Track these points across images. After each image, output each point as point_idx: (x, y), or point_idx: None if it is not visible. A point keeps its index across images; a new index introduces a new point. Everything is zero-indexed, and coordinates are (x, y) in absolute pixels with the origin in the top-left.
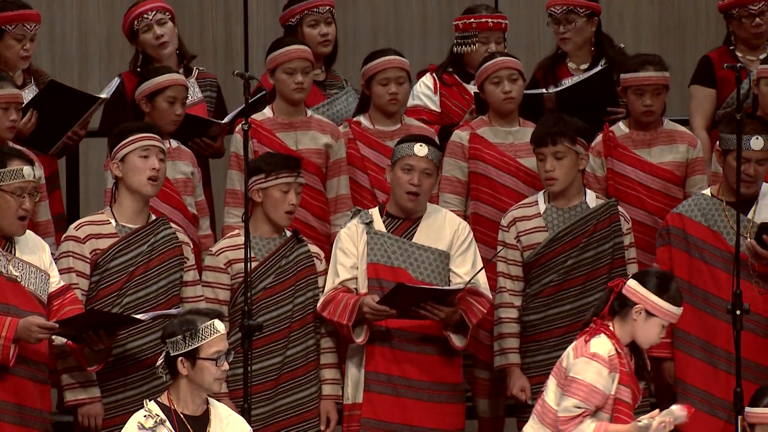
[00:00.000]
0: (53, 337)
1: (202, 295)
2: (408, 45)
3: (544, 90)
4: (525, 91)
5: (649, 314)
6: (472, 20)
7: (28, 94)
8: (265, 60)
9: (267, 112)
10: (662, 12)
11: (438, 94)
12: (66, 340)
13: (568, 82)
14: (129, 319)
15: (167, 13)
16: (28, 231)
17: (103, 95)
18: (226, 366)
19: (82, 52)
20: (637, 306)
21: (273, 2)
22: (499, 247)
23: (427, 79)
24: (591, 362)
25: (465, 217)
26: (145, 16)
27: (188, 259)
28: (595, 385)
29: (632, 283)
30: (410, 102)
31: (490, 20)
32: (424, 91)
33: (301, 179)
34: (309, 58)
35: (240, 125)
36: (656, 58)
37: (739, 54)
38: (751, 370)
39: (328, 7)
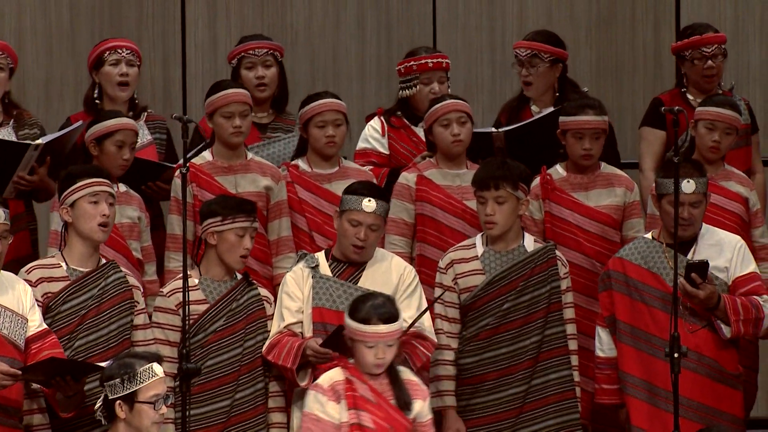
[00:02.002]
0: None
1: (153, 339)
2: (346, 88)
3: (493, 129)
4: (474, 130)
5: (355, 340)
6: (413, 63)
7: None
8: (203, 103)
9: (206, 155)
10: (600, 55)
11: (386, 137)
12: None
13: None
14: (93, 367)
15: (137, 59)
16: (4, 272)
17: (38, 141)
18: (164, 409)
19: (20, 96)
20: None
21: (211, 46)
22: (439, 290)
23: (375, 123)
24: (310, 392)
25: (411, 260)
26: (119, 50)
27: (138, 303)
28: (314, 413)
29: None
30: (359, 145)
31: (429, 61)
32: (373, 134)
33: (255, 224)
34: (247, 102)
35: (179, 170)
36: (596, 102)
37: (690, 96)
38: (693, 410)
39: (266, 50)
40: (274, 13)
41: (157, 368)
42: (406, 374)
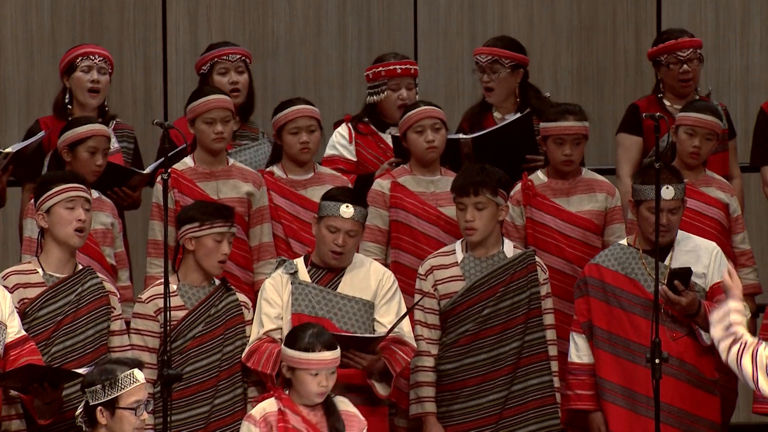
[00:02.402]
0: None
1: (129, 345)
2: (327, 95)
3: (461, 135)
4: None
5: (293, 369)
6: (381, 69)
7: None
8: (184, 109)
9: (188, 161)
10: (581, 61)
11: (353, 144)
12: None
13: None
14: (70, 374)
15: (109, 66)
16: None
17: (8, 150)
18: (145, 415)
19: (1, 102)
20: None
21: (192, 52)
22: (417, 296)
23: (343, 129)
24: (244, 422)
25: (385, 266)
26: (91, 57)
27: (115, 309)
28: None
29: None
30: (327, 152)
31: (398, 67)
32: (340, 141)
33: (233, 229)
34: (229, 108)
35: (161, 175)
36: (576, 108)
37: (667, 102)
38: (674, 416)
39: (239, 56)
40: (256, 20)
41: (138, 374)
42: (345, 405)
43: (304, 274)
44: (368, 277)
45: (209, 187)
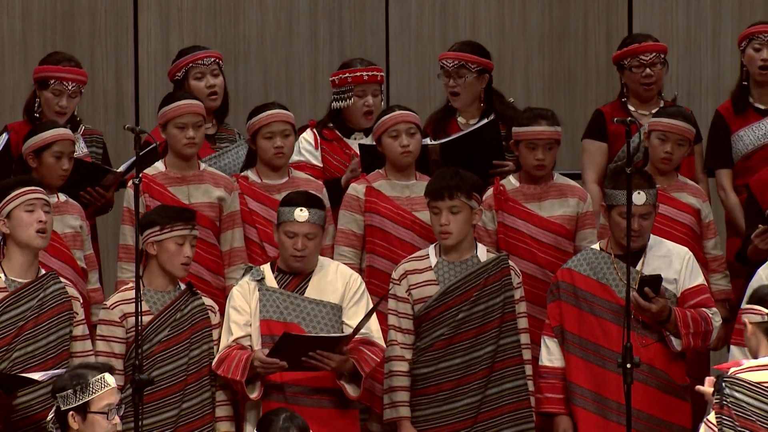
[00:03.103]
0: None
1: (92, 350)
2: (299, 99)
3: (428, 141)
4: None
5: None
6: (347, 74)
7: None
8: (156, 114)
9: (159, 166)
10: (552, 66)
11: (319, 149)
12: None
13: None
14: (25, 381)
15: (81, 88)
16: None
17: None
18: (117, 419)
19: None
20: None
21: (163, 57)
22: (393, 301)
23: (308, 135)
24: None
25: (360, 271)
26: (64, 83)
27: (77, 314)
28: None
29: None
30: (293, 158)
31: (365, 74)
32: (306, 147)
33: (195, 231)
34: (200, 113)
35: (132, 180)
36: (548, 113)
37: (631, 108)
38: (644, 422)
39: (213, 59)
40: (227, 24)
41: (109, 378)
42: None
43: (271, 280)
44: (335, 281)
45: (180, 192)
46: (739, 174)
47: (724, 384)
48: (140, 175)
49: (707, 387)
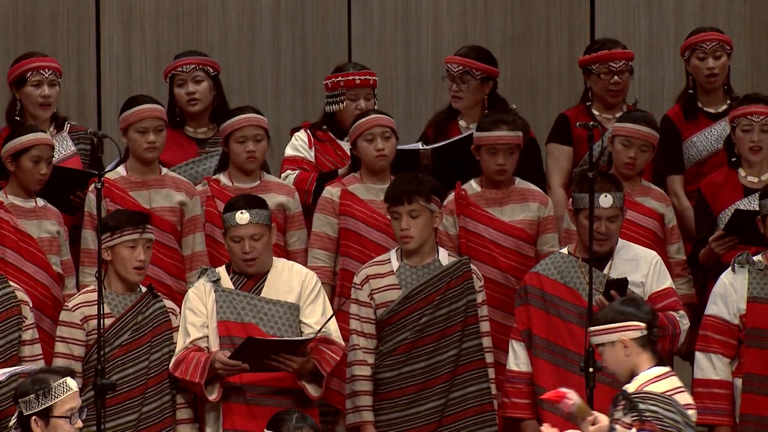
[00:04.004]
0: None
1: (41, 354)
2: (261, 104)
3: (420, 145)
4: (401, 147)
5: None
6: (340, 78)
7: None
8: (118, 119)
9: (120, 170)
10: (515, 71)
11: (312, 149)
12: None
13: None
14: None
15: (58, 77)
16: None
17: None
18: (80, 423)
19: None
20: None
21: (126, 62)
22: (354, 306)
23: (302, 134)
24: None
25: (334, 273)
26: (42, 71)
27: (27, 318)
28: None
29: None
30: (288, 153)
31: (357, 77)
32: (301, 144)
33: (148, 235)
34: (161, 117)
35: (93, 184)
36: (509, 118)
37: (595, 112)
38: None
39: (193, 66)
40: (190, 29)
41: (71, 382)
42: None
43: (226, 282)
44: (291, 280)
45: (141, 197)
46: (692, 180)
47: (636, 400)
48: (102, 179)
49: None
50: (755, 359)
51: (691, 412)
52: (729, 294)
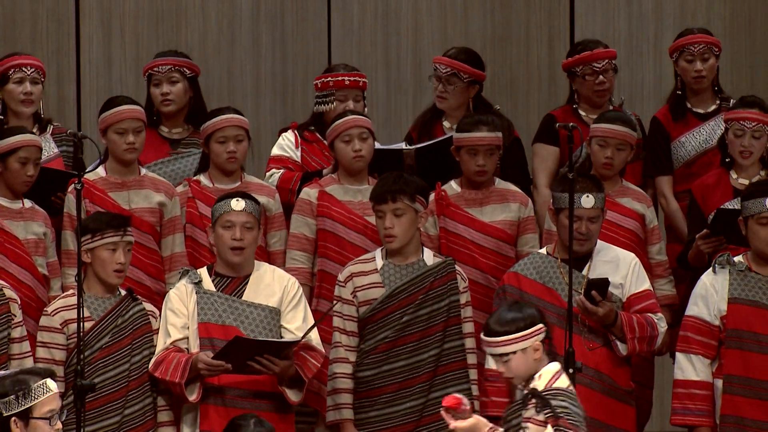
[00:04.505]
0: None
1: (29, 352)
2: (241, 105)
3: (403, 145)
4: (384, 147)
5: None
6: (330, 79)
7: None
8: (97, 120)
9: (100, 171)
10: (495, 72)
11: (299, 149)
12: None
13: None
14: None
15: (42, 75)
16: None
17: None
18: (59, 425)
19: None
20: None
21: (105, 63)
22: (335, 301)
23: (290, 135)
24: None
25: (312, 275)
26: (24, 69)
27: (15, 316)
28: None
29: None
30: (274, 152)
31: (347, 78)
32: (288, 144)
33: (128, 238)
34: (140, 118)
35: (73, 185)
36: (489, 119)
37: (582, 112)
38: (588, 426)
39: (169, 66)
40: (169, 31)
41: (51, 384)
42: None
43: (208, 284)
44: (273, 284)
45: (121, 197)
46: (681, 180)
47: (548, 397)
48: (81, 180)
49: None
50: (735, 360)
51: None
52: (710, 295)
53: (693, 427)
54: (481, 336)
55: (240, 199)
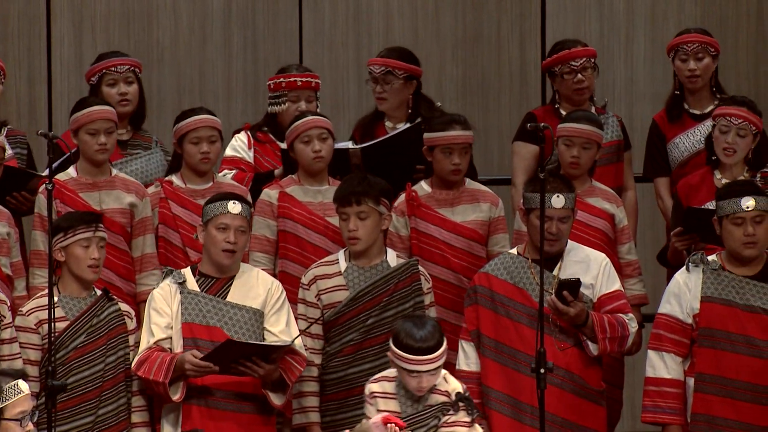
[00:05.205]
0: None
1: (19, 353)
2: (213, 105)
3: (350, 145)
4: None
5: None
6: (282, 80)
7: None
8: (69, 120)
9: (71, 171)
10: (466, 72)
11: (252, 150)
12: None
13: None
14: None
15: (3, 76)
16: None
17: None
18: (30, 426)
19: None
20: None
21: (76, 63)
22: (300, 305)
23: (242, 136)
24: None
25: (273, 276)
26: None
27: (5, 318)
28: None
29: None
30: (227, 153)
31: (299, 79)
32: (241, 146)
33: (101, 233)
34: (112, 119)
35: (44, 185)
36: (462, 118)
37: (563, 112)
38: (558, 426)
39: (127, 67)
40: (141, 31)
41: (23, 385)
42: None
43: (192, 284)
44: (257, 286)
45: (92, 198)
46: (677, 181)
47: (469, 396)
48: (52, 181)
49: None
50: (708, 359)
51: None
52: (683, 293)
53: (664, 425)
54: (410, 356)
55: (236, 202)
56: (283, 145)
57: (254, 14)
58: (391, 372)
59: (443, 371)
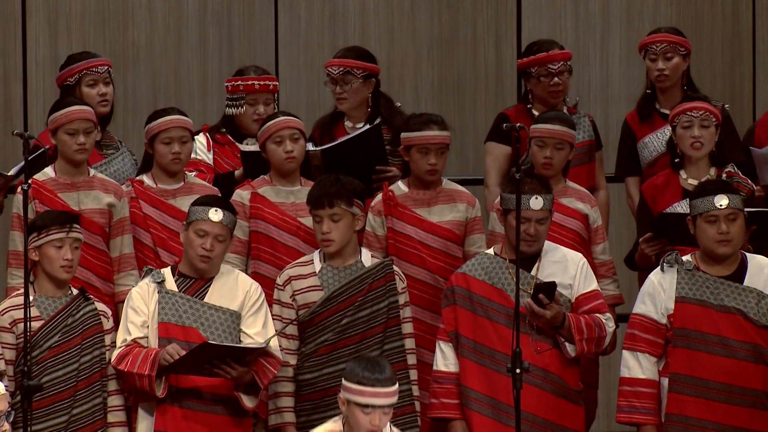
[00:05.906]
0: None
1: (1, 354)
2: (188, 106)
3: (310, 146)
4: None
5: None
6: (239, 82)
7: None
8: (46, 120)
9: (49, 171)
10: (442, 73)
11: (211, 152)
12: None
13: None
14: None
15: None
16: None
17: None
18: (6, 426)
19: None
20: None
21: (52, 62)
22: (276, 305)
23: (201, 138)
24: None
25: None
26: None
27: None
28: None
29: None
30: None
31: (256, 82)
32: (200, 147)
33: (75, 234)
34: (91, 119)
35: (21, 185)
36: (438, 118)
37: (535, 112)
38: (537, 425)
39: (106, 67)
40: (116, 30)
41: (0, 385)
42: None
43: (171, 284)
44: (236, 288)
45: (70, 198)
46: (645, 181)
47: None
48: (29, 181)
49: None
50: (682, 359)
51: None
52: (657, 293)
53: (638, 426)
54: (365, 388)
55: (219, 210)
56: (243, 147)
57: (230, 14)
58: (335, 425)
59: (390, 425)
